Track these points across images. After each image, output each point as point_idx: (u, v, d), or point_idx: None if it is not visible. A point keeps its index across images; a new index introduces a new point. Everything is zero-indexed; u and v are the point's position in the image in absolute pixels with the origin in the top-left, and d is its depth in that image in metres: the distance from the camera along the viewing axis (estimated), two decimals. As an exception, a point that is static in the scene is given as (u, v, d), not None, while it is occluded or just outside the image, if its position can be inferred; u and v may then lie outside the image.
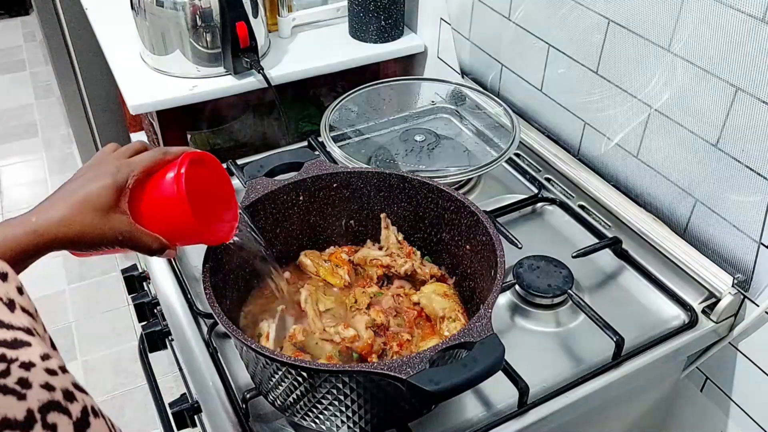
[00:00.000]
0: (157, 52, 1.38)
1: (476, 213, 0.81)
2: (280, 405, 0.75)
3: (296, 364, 0.66)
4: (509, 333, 0.92)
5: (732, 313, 0.94)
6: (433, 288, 0.85)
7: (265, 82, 1.36)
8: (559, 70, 1.13)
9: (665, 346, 0.89)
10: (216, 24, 1.32)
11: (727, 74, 0.85)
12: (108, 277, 2.30)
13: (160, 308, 1.01)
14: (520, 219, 1.11)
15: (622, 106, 1.02)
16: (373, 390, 0.68)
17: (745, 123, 0.85)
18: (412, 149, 1.19)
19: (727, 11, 0.82)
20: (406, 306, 0.84)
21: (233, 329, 0.68)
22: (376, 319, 0.80)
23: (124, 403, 1.94)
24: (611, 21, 0.99)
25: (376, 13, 1.47)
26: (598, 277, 1.01)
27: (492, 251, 0.77)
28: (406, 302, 0.85)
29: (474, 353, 0.63)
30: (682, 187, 0.97)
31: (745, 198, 0.88)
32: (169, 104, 1.36)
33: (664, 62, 0.93)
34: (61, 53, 2.12)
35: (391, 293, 0.85)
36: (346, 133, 1.23)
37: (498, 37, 1.25)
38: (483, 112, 1.28)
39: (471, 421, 0.81)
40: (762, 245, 0.87)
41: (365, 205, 0.91)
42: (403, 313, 0.83)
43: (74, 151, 2.50)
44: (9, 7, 3.99)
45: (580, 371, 0.86)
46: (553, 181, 1.15)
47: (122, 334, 2.09)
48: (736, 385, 0.98)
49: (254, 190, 0.84)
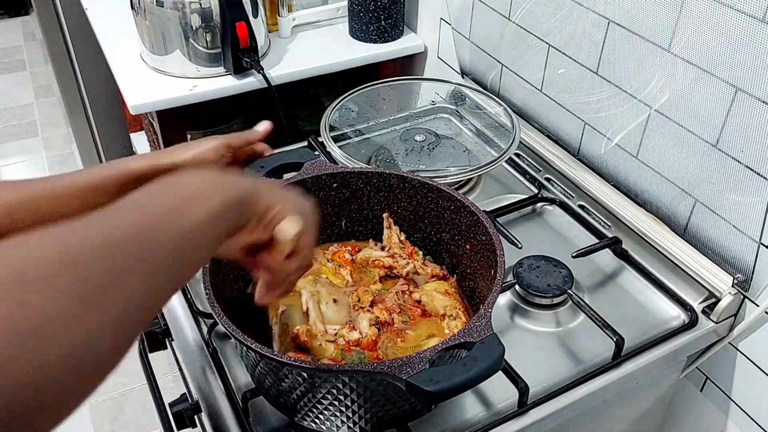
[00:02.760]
0: (157, 52, 1.38)
1: (476, 213, 0.81)
2: (280, 405, 0.75)
3: (296, 364, 0.66)
4: (509, 333, 0.92)
5: (732, 313, 0.94)
6: (434, 286, 0.85)
7: (265, 82, 1.36)
8: (559, 70, 1.13)
9: (665, 346, 0.89)
10: (216, 24, 1.32)
11: (727, 74, 0.85)
12: (108, 277, 2.30)
13: (160, 308, 1.01)
14: (520, 219, 1.11)
15: (622, 106, 1.02)
16: (373, 390, 0.68)
17: (744, 123, 0.85)
18: (412, 149, 1.19)
19: (727, 11, 0.82)
20: (410, 304, 0.84)
21: (233, 329, 0.68)
22: (380, 317, 0.80)
23: (124, 403, 1.94)
24: (611, 21, 0.99)
25: (376, 13, 1.47)
26: (598, 277, 1.01)
27: (492, 251, 0.77)
28: (409, 300, 0.85)
29: (474, 353, 0.63)
30: (682, 187, 0.97)
31: (745, 198, 0.88)
32: (169, 104, 1.36)
33: (664, 62, 0.93)
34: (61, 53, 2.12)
35: (395, 290, 0.85)
36: (346, 133, 1.23)
37: (498, 37, 1.25)
38: (483, 112, 1.28)
39: (471, 421, 0.81)
40: (762, 245, 0.87)
41: (365, 205, 0.91)
42: (408, 310, 0.83)
43: (74, 150, 2.50)
44: (9, 7, 3.99)
45: (580, 371, 0.86)
46: (553, 181, 1.15)
47: (122, 334, 2.09)
48: (736, 385, 0.98)
49: (254, 190, 0.84)
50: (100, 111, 2.03)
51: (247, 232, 0.54)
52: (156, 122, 1.43)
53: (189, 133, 1.54)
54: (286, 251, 0.57)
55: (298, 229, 0.55)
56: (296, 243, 0.57)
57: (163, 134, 1.44)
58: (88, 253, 0.37)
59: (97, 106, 2.02)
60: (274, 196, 0.54)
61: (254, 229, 0.54)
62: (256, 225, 0.54)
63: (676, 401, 1.08)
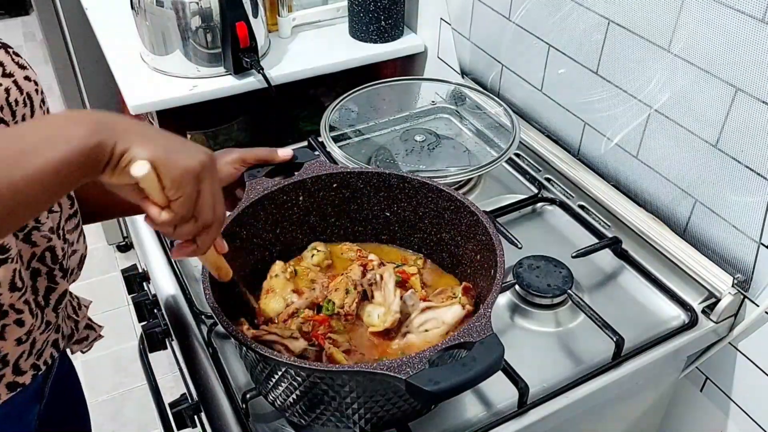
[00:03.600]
0: (157, 52, 1.38)
1: (476, 213, 0.81)
2: (280, 405, 0.75)
3: (296, 365, 0.66)
4: (509, 333, 0.92)
5: (732, 313, 0.94)
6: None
7: (265, 82, 1.36)
8: (559, 70, 1.13)
9: (665, 346, 0.89)
10: (216, 24, 1.32)
11: (727, 74, 0.85)
12: (108, 276, 2.30)
13: (160, 308, 1.01)
14: (520, 219, 1.11)
15: (622, 106, 1.02)
16: (373, 390, 0.68)
17: (744, 123, 0.85)
18: (412, 149, 1.19)
19: (727, 11, 0.82)
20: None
21: (233, 329, 0.68)
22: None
23: (124, 403, 1.95)
24: (611, 21, 0.99)
25: (376, 13, 1.47)
26: (598, 277, 1.01)
27: (492, 251, 0.77)
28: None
29: (474, 353, 0.63)
30: (682, 187, 0.97)
31: (745, 198, 0.88)
32: (169, 104, 1.36)
33: (664, 62, 0.93)
34: (61, 53, 2.12)
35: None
36: (346, 133, 1.23)
37: (498, 37, 1.25)
38: (483, 112, 1.28)
39: (471, 421, 0.81)
40: (762, 245, 0.87)
41: (365, 205, 0.91)
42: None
43: (74, 151, 2.49)
44: (9, 7, 3.99)
45: (580, 371, 0.86)
46: (553, 181, 1.15)
47: (122, 334, 2.09)
48: (736, 385, 0.98)
49: (254, 190, 0.84)
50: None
51: (107, 175, 0.54)
52: (156, 122, 1.43)
53: (189, 133, 1.54)
54: (150, 196, 0.56)
55: (143, 172, 0.53)
56: (165, 190, 0.55)
57: (163, 134, 1.43)
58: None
59: (97, 106, 2.02)
60: (126, 140, 0.53)
61: (112, 173, 0.54)
62: (113, 170, 0.54)
63: (676, 401, 1.08)
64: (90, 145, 0.51)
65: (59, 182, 0.51)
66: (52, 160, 0.50)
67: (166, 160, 0.54)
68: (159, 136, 0.56)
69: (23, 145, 0.50)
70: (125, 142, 0.53)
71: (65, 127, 0.52)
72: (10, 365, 0.69)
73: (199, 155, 0.57)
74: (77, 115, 0.55)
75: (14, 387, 0.70)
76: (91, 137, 0.51)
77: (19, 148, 0.50)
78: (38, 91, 0.69)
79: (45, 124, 0.54)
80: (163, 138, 0.56)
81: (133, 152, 0.53)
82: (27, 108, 0.67)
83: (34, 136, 0.51)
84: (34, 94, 0.68)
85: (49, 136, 0.51)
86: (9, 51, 0.67)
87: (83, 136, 0.51)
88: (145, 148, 0.53)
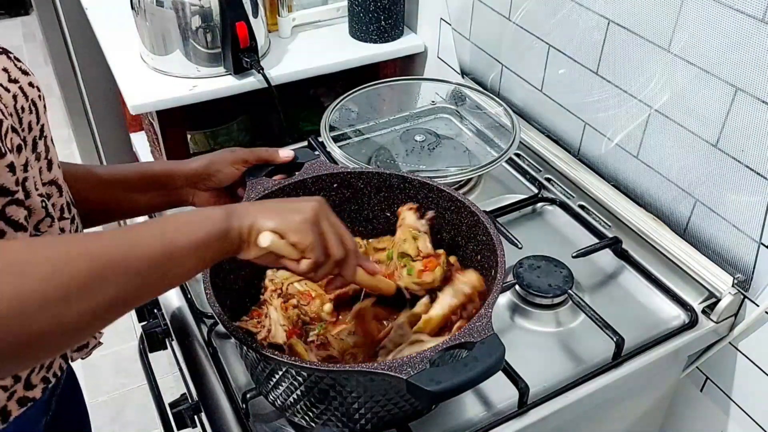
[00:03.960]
0: (157, 52, 1.38)
1: (476, 213, 0.81)
2: (280, 405, 0.75)
3: (296, 364, 0.66)
4: (509, 333, 0.92)
5: (732, 313, 0.94)
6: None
7: (265, 82, 1.36)
8: (559, 70, 1.13)
9: (665, 346, 0.89)
10: (216, 24, 1.32)
11: (727, 74, 0.85)
12: (108, 277, 2.30)
13: (160, 308, 1.01)
14: (521, 219, 1.11)
15: (622, 106, 1.02)
16: (373, 390, 0.68)
17: (744, 123, 0.85)
18: (413, 149, 1.19)
19: (727, 11, 0.82)
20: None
21: (233, 329, 0.68)
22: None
23: (124, 403, 1.95)
24: (611, 21, 0.99)
25: (376, 13, 1.47)
26: (598, 277, 1.01)
27: (492, 251, 0.77)
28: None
29: (474, 353, 0.63)
30: (682, 187, 0.97)
31: (745, 198, 0.88)
32: (169, 104, 1.36)
33: (664, 62, 0.93)
34: (61, 53, 2.12)
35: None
36: (346, 133, 1.23)
37: (498, 37, 1.25)
38: (483, 112, 1.28)
39: (471, 421, 0.81)
40: (762, 245, 0.88)
41: (365, 205, 0.91)
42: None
43: (74, 151, 2.49)
44: (9, 7, 4.00)
45: (580, 371, 0.86)
46: (553, 181, 1.15)
47: (122, 334, 2.09)
48: (736, 385, 0.99)
49: (254, 190, 0.84)
50: (100, 111, 2.03)
51: (245, 253, 0.63)
52: (156, 122, 1.43)
53: (189, 133, 1.54)
54: (285, 255, 0.64)
55: (268, 242, 0.62)
56: (295, 246, 0.63)
57: (163, 134, 1.44)
58: (75, 261, 0.50)
59: (97, 106, 2.02)
60: (249, 219, 0.62)
61: (248, 250, 0.63)
62: (248, 246, 0.62)
63: (676, 401, 1.08)
64: (224, 228, 0.60)
65: (202, 256, 0.59)
66: (198, 237, 0.58)
67: (284, 222, 0.62)
68: (273, 205, 0.66)
69: (166, 226, 0.58)
70: (248, 219, 0.62)
71: (202, 212, 0.62)
72: (22, 381, 0.68)
73: (309, 204, 0.65)
74: (209, 209, 0.63)
75: (25, 402, 0.69)
76: (225, 221, 0.60)
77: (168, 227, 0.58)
78: (41, 97, 0.70)
79: (183, 215, 0.61)
80: (275, 204, 0.66)
81: (257, 226, 0.62)
82: (33, 115, 0.67)
83: (175, 222, 0.59)
84: (38, 100, 0.69)
85: (189, 219, 0.59)
86: (11, 56, 0.67)
87: (218, 219, 0.60)
88: (265, 219, 0.62)
